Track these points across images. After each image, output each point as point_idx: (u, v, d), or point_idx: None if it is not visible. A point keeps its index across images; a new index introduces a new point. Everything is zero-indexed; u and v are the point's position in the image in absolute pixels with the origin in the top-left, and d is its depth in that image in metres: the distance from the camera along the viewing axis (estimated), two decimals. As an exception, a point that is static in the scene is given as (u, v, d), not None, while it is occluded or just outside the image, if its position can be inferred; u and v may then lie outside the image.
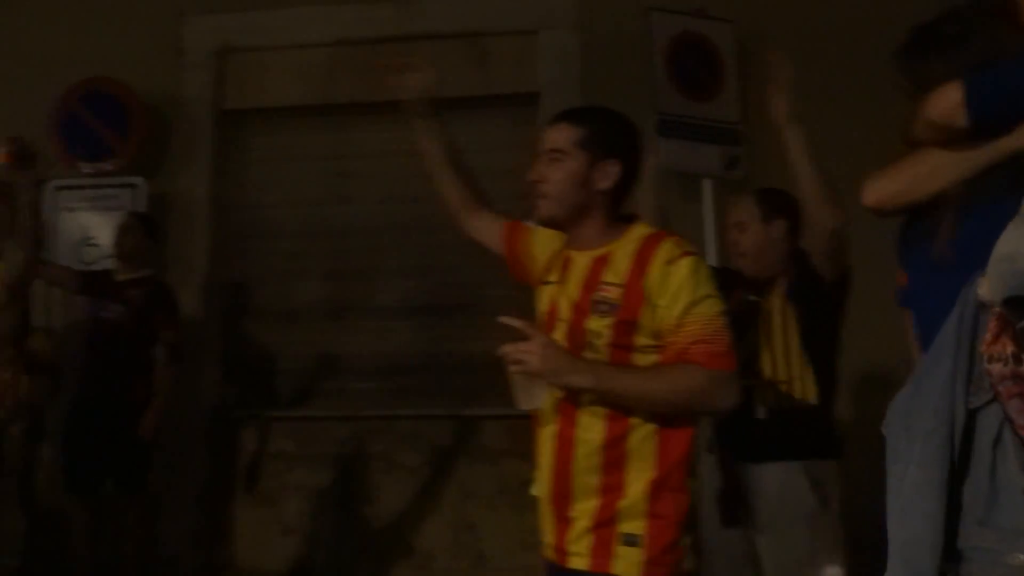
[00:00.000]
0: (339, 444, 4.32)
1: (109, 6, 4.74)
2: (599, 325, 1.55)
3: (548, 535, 1.63)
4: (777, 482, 2.29)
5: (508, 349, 1.49)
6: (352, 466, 4.30)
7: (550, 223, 1.67)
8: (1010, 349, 1.02)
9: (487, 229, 1.94)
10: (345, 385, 4.48)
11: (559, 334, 1.60)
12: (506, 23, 4.41)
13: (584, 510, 1.54)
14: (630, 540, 1.50)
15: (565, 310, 1.62)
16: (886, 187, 1.35)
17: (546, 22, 4.35)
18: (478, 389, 4.08)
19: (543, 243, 1.79)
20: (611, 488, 1.53)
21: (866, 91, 3.35)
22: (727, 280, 2.16)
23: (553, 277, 1.69)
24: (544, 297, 1.71)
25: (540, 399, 1.54)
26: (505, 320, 1.51)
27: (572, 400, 1.55)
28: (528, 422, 1.72)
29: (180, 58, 4.65)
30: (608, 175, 1.61)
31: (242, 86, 4.67)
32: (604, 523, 1.52)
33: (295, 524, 4.27)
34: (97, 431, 3.57)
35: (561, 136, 1.63)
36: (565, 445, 1.57)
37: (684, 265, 1.53)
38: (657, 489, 1.52)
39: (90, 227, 4.23)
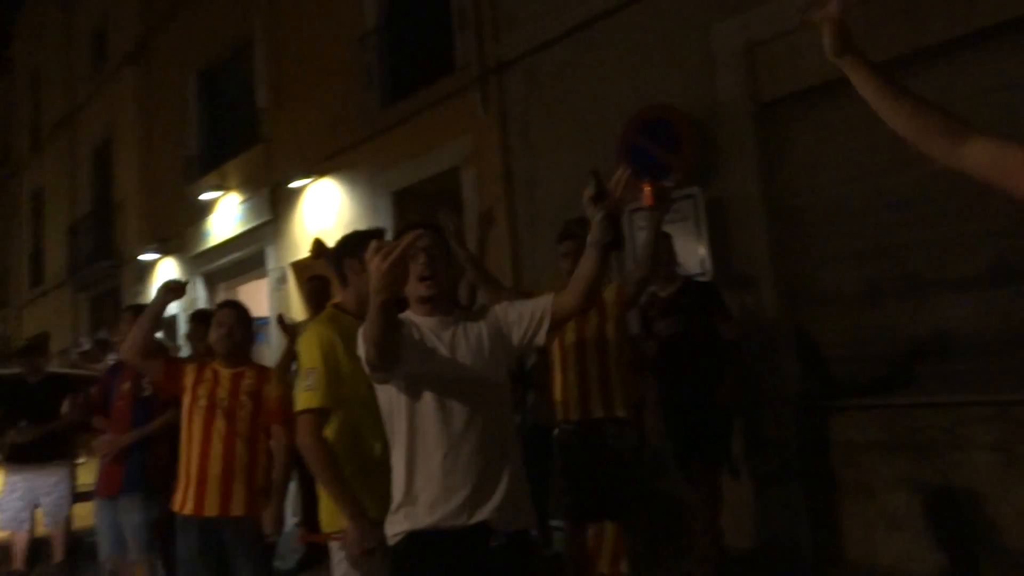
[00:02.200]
0: (939, 433, 3.94)
1: (645, 40, 5.32)
2: None
3: None
4: None
5: None
6: (958, 458, 3.87)
7: None
8: None
9: (991, 157, 1.30)
10: (936, 368, 4.07)
11: None
12: None
13: None
14: None
15: None
16: None
17: None
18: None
19: None
20: None
21: None
22: None
23: None
24: None
25: None
26: None
27: None
28: None
29: (711, 66, 4.93)
30: None
31: (775, 75, 4.70)
32: None
33: (901, 519, 4.03)
34: (690, 426, 4.01)
35: None
36: None
37: None
38: None
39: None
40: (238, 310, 3.37)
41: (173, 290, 3.33)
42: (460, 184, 6.71)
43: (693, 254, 4.56)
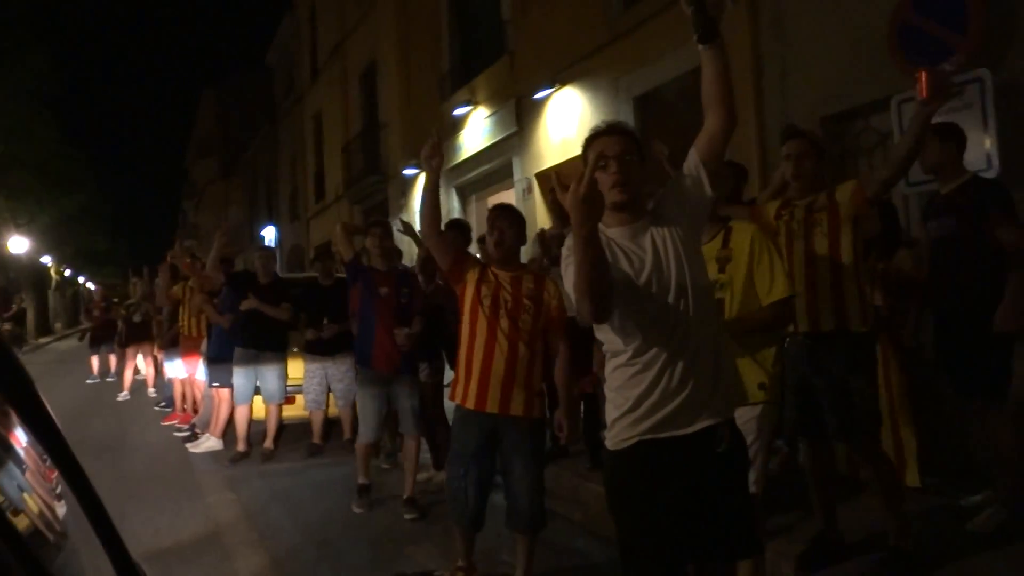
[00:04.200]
0: None
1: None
2: None
3: None
4: None
5: None
6: None
7: None
8: None
9: None
10: None
11: None
12: None
13: None
14: None
15: None
16: None
17: None
18: None
19: None
20: None
21: None
22: None
23: None
24: None
25: None
26: None
27: None
28: None
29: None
30: None
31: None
32: None
33: None
34: (959, 340, 3.52)
35: None
36: None
37: None
38: None
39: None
40: (509, 213, 3.38)
41: (430, 157, 3.29)
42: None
43: (978, 147, 3.96)
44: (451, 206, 11.96)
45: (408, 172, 13.13)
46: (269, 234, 25.40)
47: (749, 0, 5.89)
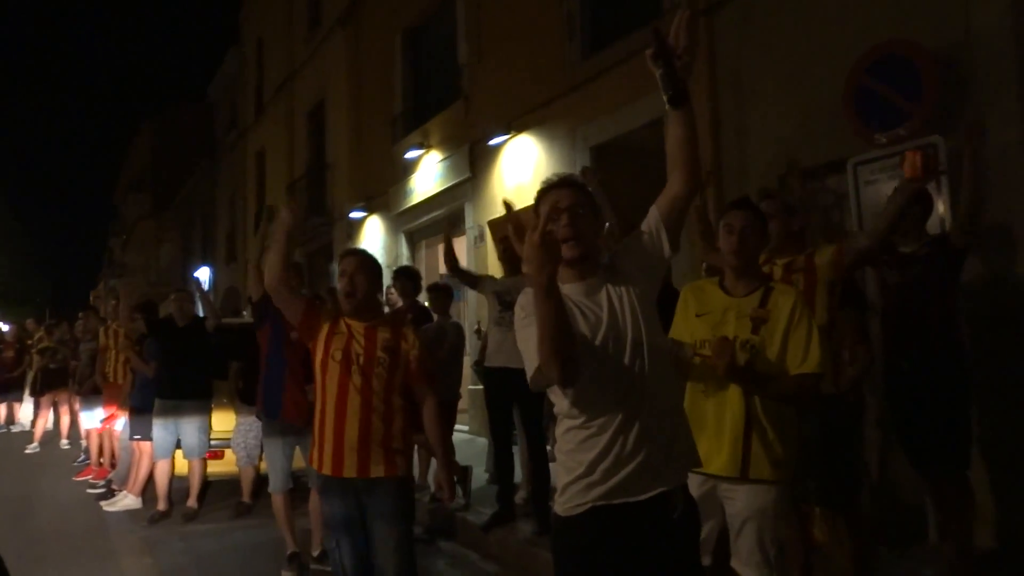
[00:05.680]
0: None
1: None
2: None
3: None
4: None
5: None
6: None
7: None
8: None
9: None
10: None
11: None
12: None
13: None
14: None
15: None
16: None
17: None
18: None
19: None
20: None
21: None
22: None
23: None
24: None
25: None
26: None
27: None
28: None
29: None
30: None
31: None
32: None
33: None
34: (918, 406, 3.64)
35: None
36: None
37: None
38: None
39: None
40: (361, 258, 3.24)
41: (270, 218, 3.12)
42: (664, 137, 6.61)
43: (931, 212, 4.18)
44: (400, 252, 11.95)
45: (355, 215, 13.12)
46: (203, 275, 24.91)
47: (708, 59, 6.13)
